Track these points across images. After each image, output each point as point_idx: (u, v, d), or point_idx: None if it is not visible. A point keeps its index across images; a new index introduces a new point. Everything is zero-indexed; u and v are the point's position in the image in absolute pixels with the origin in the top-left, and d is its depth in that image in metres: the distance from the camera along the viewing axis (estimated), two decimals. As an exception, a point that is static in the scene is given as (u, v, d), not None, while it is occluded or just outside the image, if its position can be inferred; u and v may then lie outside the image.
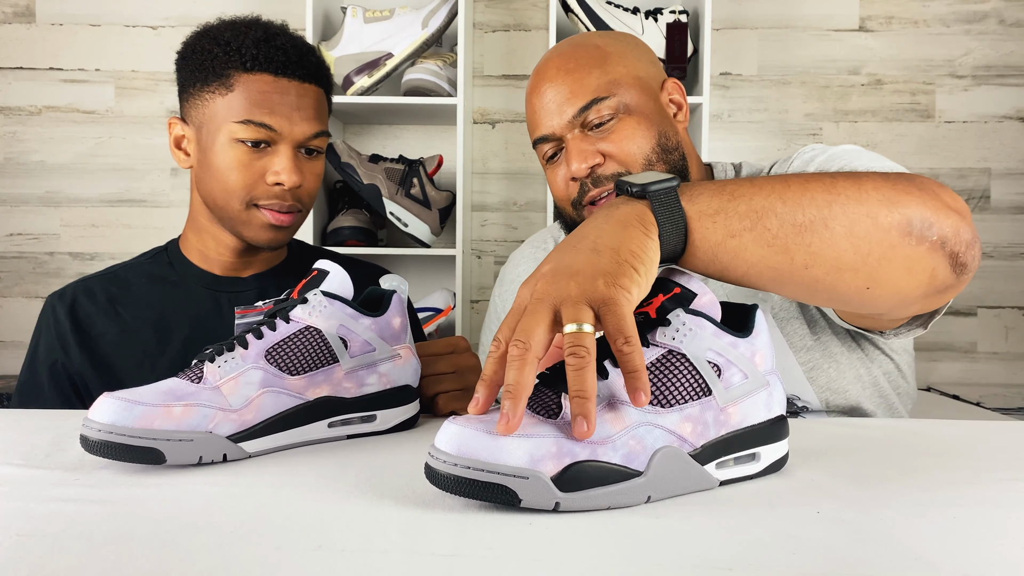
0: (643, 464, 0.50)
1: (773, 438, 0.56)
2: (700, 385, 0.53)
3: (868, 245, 0.58)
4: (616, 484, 0.49)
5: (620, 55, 0.93)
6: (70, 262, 2.03)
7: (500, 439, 0.47)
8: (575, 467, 0.48)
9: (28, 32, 2.00)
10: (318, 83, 0.97)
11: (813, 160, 0.88)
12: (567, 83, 0.90)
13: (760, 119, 2.02)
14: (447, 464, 0.47)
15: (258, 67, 0.92)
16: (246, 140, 0.92)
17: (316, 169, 0.99)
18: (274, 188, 0.94)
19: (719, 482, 0.54)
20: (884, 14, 2.00)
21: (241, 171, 0.93)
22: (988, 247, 2.02)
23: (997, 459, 0.62)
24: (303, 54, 0.95)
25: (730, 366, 0.54)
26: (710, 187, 0.58)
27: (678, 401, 0.52)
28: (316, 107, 0.95)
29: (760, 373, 0.55)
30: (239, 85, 0.92)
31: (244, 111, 0.91)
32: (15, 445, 0.63)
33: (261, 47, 0.92)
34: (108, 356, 0.97)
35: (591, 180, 0.90)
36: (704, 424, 0.53)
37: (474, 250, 2.05)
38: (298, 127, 0.93)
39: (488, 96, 2.03)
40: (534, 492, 0.47)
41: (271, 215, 0.95)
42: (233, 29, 0.95)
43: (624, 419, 0.50)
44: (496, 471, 0.47)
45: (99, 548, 0.43)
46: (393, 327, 0.70)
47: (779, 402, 0.57)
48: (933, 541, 0.44)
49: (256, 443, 0.61)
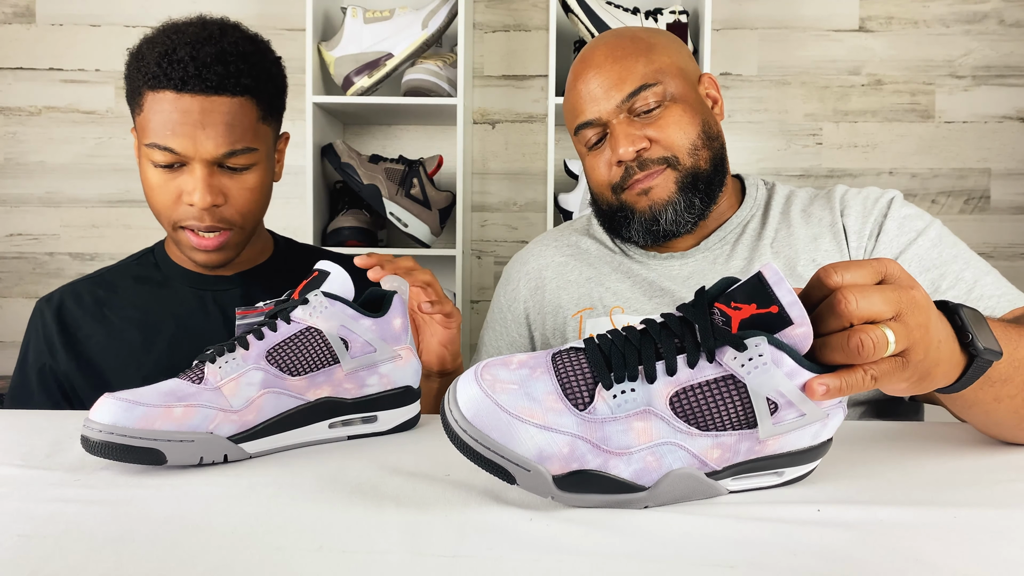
0: (651, 481, 0.48)
1: (808, 460, 0.52)
2: (747, 418, 0.48)
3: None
4: (616, 495, 0.48)
5: (664, 46, 0.95)
6: (70, 262, 2.03)
7: (516, 424, 0.45)
8: (580, 473, 0.47)
9: (28, 32, 2.00)
10: (233, 92, 0.88)
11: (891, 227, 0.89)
12: (615, 70, 0.92)
13: (760, 119, 2.02)
14: (459, 427, 0.46)
15: (159, 84, 0.86)
16: (157, 163, 0.88)
17: (246, 183, 0.92)
18: (190, 209, 0.90)
19: (728, 491, 0.52)
20: (884, 14, 2.00)
21: (158, 192, 0.90)
22: (988, 247, 2.02)
23: (997, 459, 0.62)
24: (205, 65, 0.86)
25: (790, 407, 0.48)
26: (1009, 349, 0.59)
27: (716, 427, 0.48)
28: (227, 123, 0.88)
29: (821, 411, 0.49)
30: (146, 104, 0.88)
31: (151, 133, 0.87)
32: (15, 446, 0.63)
33: (162, 63, 0.86)
34: (94, 357, 0.98)
35: (637, 164, 0.91)
36: (734, 452, 0.49)
37: (474, 250, 2.05)
38: (203, 146, 0.87)
39: (488, 96, 2.03)
40: (532, 482, 0.47)
41: (193, 237, 0.92)
42: (150, 41, 0.89)
43: (651, 432, 0.47)
44: (502, 454, 0.46)
45: (100, 549, 0.43)
46: (394, 328, 0.70)
47: (831, 428, 0.51)
48: (933, 541, 0.44)
49: (257, 444, 0.62)
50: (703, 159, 0.93)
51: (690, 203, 0.92)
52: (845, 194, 0.96)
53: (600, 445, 0.47)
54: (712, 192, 0.94)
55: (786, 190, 1.02)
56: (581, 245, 1.06)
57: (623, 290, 0.98)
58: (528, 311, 1.07)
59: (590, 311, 0.99)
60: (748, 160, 2.02)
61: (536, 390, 0.47)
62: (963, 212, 2.02)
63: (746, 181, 1.04)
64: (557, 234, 1.12)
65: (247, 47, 0.91)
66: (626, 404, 0.47)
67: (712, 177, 0.94)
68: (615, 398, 0.47)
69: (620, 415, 0.47)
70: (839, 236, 0.92)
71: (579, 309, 1.00)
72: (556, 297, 1.03)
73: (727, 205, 1.00)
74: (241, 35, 0.92)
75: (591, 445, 0.46)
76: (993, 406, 0.61)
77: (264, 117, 0.93)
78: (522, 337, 1.08)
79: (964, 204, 2.02)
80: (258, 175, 0.93)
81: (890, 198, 0.93)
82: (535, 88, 2.03)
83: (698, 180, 0.92)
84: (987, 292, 0.82)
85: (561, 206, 1.84)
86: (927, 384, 0.53)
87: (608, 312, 0.98)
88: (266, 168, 0.95)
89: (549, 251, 1.08)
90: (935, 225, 0.89)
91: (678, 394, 0.47)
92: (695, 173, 0.92)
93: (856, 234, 0.91)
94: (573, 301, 1.01)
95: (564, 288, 1.03)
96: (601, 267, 1.02)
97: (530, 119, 2.03)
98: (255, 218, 0.96)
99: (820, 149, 2.01)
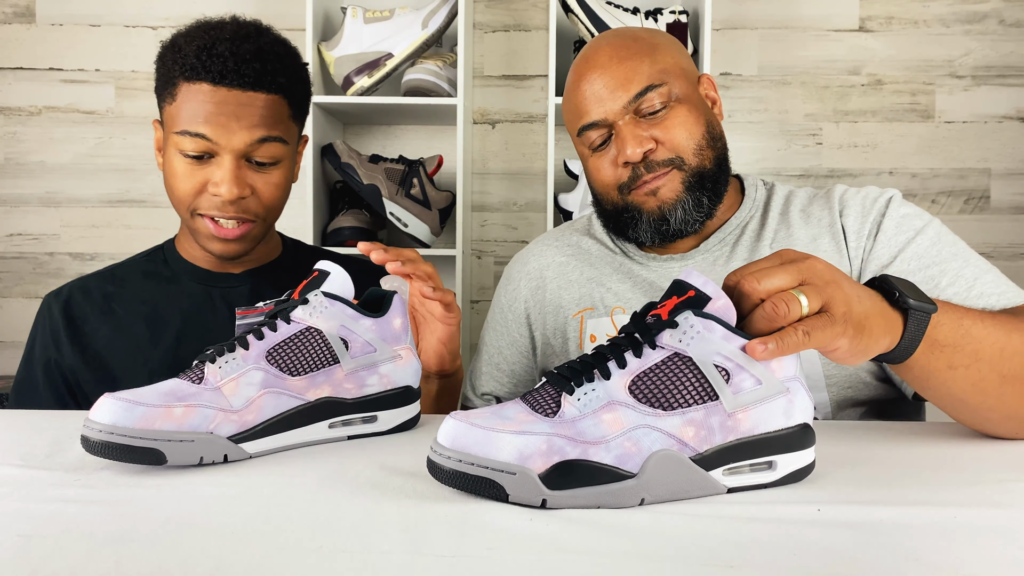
0: (637, 466, 0.49)
1: (793, 447, 0.53)
2: (705, 389, 0.51)
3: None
4: (606, 484, 0.48)
5: (666, 47, 0.95)
6: (70, 262, 2.03)
7: (492, 434, 0.48)
8: (563, 465, 0.48)
9: (28, 32, 2.00)
10: (268, 90, 0.92)
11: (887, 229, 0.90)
12: (621, 70, 0.91)
13: (760, 119, 2.02)
14: (443, 457, 0.49)
15: (196, 76, 0.89)
16: (186, 151, 0.91)
17: (272, 179, 0.96)
18: (215, 199, 0.92)
19: (727, 489, 0.52)
20: (884, 14, 2.00)
21: (183, 180, 0.92)
22: (988, 247, 2.02)
23: (997, 459, 0.62)
24: (246, 60, 0.90)
25: (740, 371, 0.51)
26: (953, 318, 0.64)
27: (680, 404, 0.51)
28: (262, 115, 0.91)
29: (777, 380, 0.53)
30: (181, 94, 0.91)
31: (183, 121, 0.90)
32: (15, 446, 0.63)
33: (201, 56, 0.89)
34: (101, 351, 0.98)
35: (644, 165, 0.91)
36: (708, 429, 0.51)
37: (474, 250, 2.05)
38: (236, 136, 0.90)
39: (488, 96, 2.03)
40: (521, 488, 0.47)
41: (212, 225, 0.94)
42: (187, 35, 0.93)
43: (621, 421, 0.50)
44: (485, 465, 0.48)
45: (100, 549, 0.43)
46: (394, 328, 0.70)
47: (802, 409, 0.54)
48: (933, 541, 0.44)
49: (257, 444, 0.62)
50: (708, 159, 0.93)
51: (698, 201, 0.92)
52: (844, 194, 0.96)
53: (576, 438, 0.49)
54: (718, 191, 0.95)
55: (785, 190, 1.02)
56: (582, 245, 1.06)
57: (624, 291, 0.98)
58: (529, 311, 1.07)
59: (591, 311, 0.99)
60: (748, 160, 2.02)
61: (507, 411, 0.52)
62: (963, 212, 2.02)
63: (745, 181, 1.03)
64: (558, 234, 1.11)
65: (281, 48, 0.96)
66: (591, 402, 0.51)
67: (717, 176, 0.94)
68: (579, 400, 0.51)
69: (588, 412, 0.50)
70: (838, 236, 0.92)
71: (580, 309, 1.00)
72: (557, 297, 1.03)
73: (727, 206, 0.99)
74: (275, 36, 0.96)
75: (567, 439, 0.49)
76: (949, 375, 0.65)
77: (293, 116, 0.97)
78: (523, 337, 1.08)
79: (964, 204, 2.02)
80: (283, 171, 0.97)
81: (888, 197, 0.93)
82: (535, 88, 2.03)
83: (704, 179, 0.92)
84: (987, 290, 0.82)
85: (561, 206, 1.84)
86: (870, 341, 0.57)
87: (609, 312, 0.98)
88: (290, 166, 0.99)
89: (550, 251, 1.08)
90: (934, 224, 0.89)
91: (635, 381, 0.51)
92: (701, 173, 0.92)
93: (855, 234, 0.91)
94: (574, 301, 1.01)
95: (565, 288, 1.03)
96: (602, 267, 1.02)
97: (530, 119, 2.03)
98: (277, 213, 1.00)
99: (820, 149, 2.01)
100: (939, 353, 0.63)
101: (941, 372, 0.64)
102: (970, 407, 0.67)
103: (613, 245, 1.04)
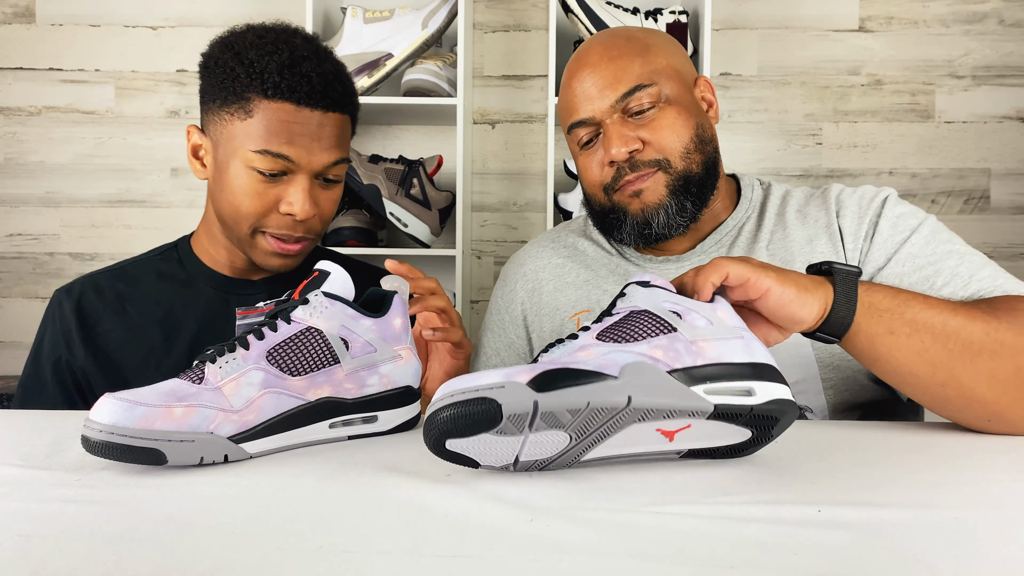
0: (616, 371, 0.52)
1: (766, 377, 0.56)
2: (664, 325, 0.57)
3: (1003, 388, 0.67)
4: (593, 384, 0.51)
5: (660, 47, 0.95)
6: (70, 263, 2.03)
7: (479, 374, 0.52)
8: (549, 371, 0.51)
9: (28, 32, 2.00)
10: (343, 110, 0.92)
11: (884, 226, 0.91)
12: (611, 69, 0.91)
13: (760, 119, 2.02)
14: (437, 402, 0.51)
15: (279, 95, 0.87)
16: (262, 170, 0.89)
17: (333, 195, 0.96)
18: (285, 218, 0.91)
19: (713, 405, 0.54)
20: (884, 14, 2.00)
21: (254, 199, 0.90)
22: (988, 247, 2.02)
23: (998, 460, 0.62)
24: (328, 82, 0.90)
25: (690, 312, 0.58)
26: (888, 289, 0.69)
27: (645, 336, 0.56)
28: (338, 136, 0.92)
29: (727, 325, 0.58)
30: (259, 112, 0.88)
31: (262, 140, 0.88)
32: (15, 446, 0.63)
33: (284, 74, 0.87)
34: (113, 353, 0.97)
35: (628, 165, 0.91)
36: (675, 352, 0.54)
37: (474, 250, 2.05)
38: (316, 157, 0.90)
39: (488, 96, 2.03)
40: (512, 396, 0.49)
41: (277, 244, 0.93)
42: (259, 48, 0.89)
43: (592, 350, 0.55)
44: (476, 389, 0.50)
45: (100, 549, 0.43)
46: (394, 328, 0.70)
47: (761, 353, 0.57)
48: (933, 541, 0.44)
49: (257, 444, 0.62)
50: (695, 163, 0.92)
51: (681, 206, 0.92)
52: (840, 194, 0.96)
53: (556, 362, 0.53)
54: (704, 195, 0.94)
55: (782, 190, 1.02)
56: (578, 247, 1.06)
57: None
58: (526, 313, 1.06)
59: (588, 314, 0.99)
60: (748, 160, 2.02)
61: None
62: (963, 212, 2.02)
63: (741, 181, 1.03)
64: (554, 235, 1.11)
65: (343, 68, 0.96)
66: (566, 349, 0.57)
67: (704, 180, 0.93)
68: (560, 345, 0.57)
69: (565, 354, 0.56)
70: (835, 237, 0.92)
71: (576, 311, 1.00)
72: (553, 299, 1.03)
73: (722, 207, 0.99)
74: (333, 55, 0.96)
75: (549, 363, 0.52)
76: (891, 341, 0.67)
77: (352, 134, 0.98)
78: (520, 339, 1.07)
79: (964, 204, 2.02)
80: (341, 187, 0.98)
81: (884, 197, 0.92)
82: (535, 88, 2.03)
83: (690, 183, 0.92)
84: (983, 286, 0.81)
85: (561, 206, 1.84)
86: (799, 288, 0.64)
87: None
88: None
89: (546, 253, 1.08)
90: (928, 222, 0.89)
91: (603, 332, 0.57)
92: (687, 176, 0.92)
93: (852, 235, 0.91)
94: (570, 303, 1.01)
95: (561, 290, 1.03)
96: (598, 269, 1.02)
97: (530, 119, 2.03)
98: (328, 227, 1.01)
99: (820, 149, 2.01)
100: (878, 318, 0.67)
101: (882, 337, 0.67)
102: (921, 380, 0.69)
103: (609, 247, 1.04)
